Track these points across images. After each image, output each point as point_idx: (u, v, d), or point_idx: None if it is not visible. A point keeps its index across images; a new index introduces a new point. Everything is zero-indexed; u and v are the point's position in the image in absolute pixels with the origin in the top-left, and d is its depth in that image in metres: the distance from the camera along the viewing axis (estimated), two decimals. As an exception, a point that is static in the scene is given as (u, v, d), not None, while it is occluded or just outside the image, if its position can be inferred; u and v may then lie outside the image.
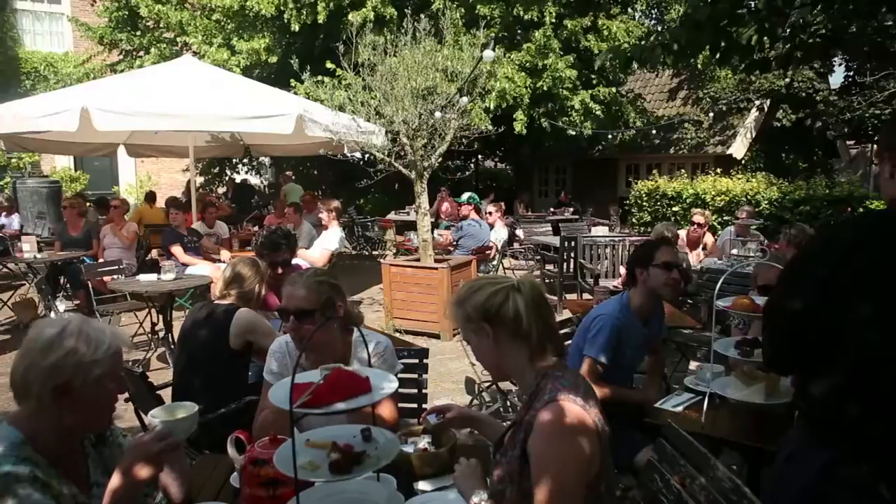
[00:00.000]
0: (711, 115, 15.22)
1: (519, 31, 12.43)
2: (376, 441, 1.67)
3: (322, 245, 6.99)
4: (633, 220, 12.39)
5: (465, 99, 6.40)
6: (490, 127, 7.66)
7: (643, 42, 4.67)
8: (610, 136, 15.45)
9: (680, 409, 2.78)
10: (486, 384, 5.08)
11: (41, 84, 15.90)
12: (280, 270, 3.87)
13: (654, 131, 15.16)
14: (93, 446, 1.79)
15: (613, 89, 13.38)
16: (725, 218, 10.52)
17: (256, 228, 9.49)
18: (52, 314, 6.61)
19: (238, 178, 15.61)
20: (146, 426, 2.94)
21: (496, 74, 11.17)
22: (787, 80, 14.38)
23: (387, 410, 2.32)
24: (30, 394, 1.58)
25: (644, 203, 12.20)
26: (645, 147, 15.90)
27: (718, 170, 12.81)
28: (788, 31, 4.31)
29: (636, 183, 12.99)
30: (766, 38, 3.74)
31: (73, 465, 1.71)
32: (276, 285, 3.80)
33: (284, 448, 1.57)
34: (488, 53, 5.45)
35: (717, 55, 4.06)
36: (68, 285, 7.88)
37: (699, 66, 12.14)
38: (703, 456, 1.93)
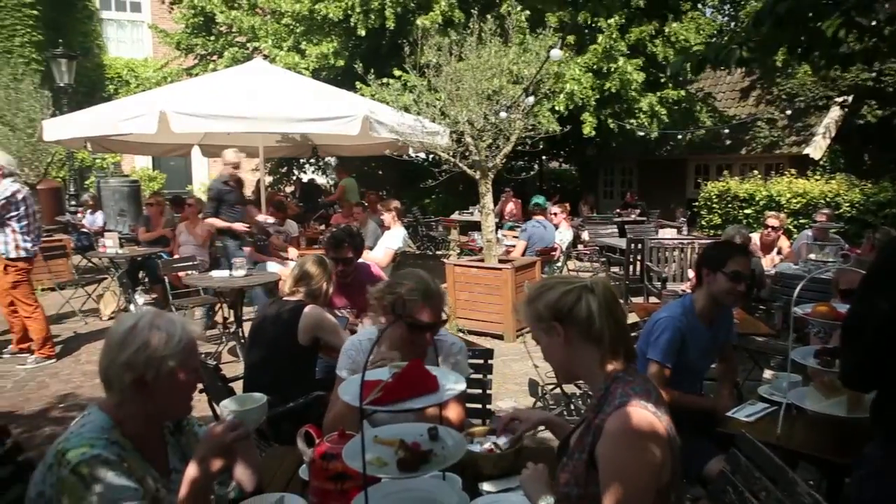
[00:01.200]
0: (788, 112, 14.58)
1: (586, 34, 12.29)
2: (443, 440, 1.67)
3: (385, 245, 7.07)
4: (703, 223, 12.02)
5: (530, 98, 6.36)
6: (556, 128, 7.59)
7: (715, 40, 4.51)
8: (679, 137, 15.05)
9: (753, 419, 2.67)
10: (550, 386, 5.03)
11: (123, 88, 16.71)
12: (342, 267, 3.93)
13: (725, 131, 14.66)
14: (171, 434, 1.87)
15: (682, 91, 13.05)
16: (801, 221, 10.07)
17: (323, 227, 9.69)
18: (132, 307, 6.93)
19: (305, 178, 15.99)
20: (218, 417, 3.05)
21: (564, 76, 11.08)
22: (874, 73, 13.60)
23: (454, 411, 2.34)
24: (112, 386, 1.68)
25: (714, 205, 11.81)
26: (715, 147, 15.41)
27: (793, 171, 12.28)
28: (875, 22, 4.06)
29: (706, 184, 12.60)
30: (851, 31, 3.54)
31: (155, 451, 1.79)
32: (339, 282, 3.92)
33: (353, 444, 1.59)
34: (555, 53, 5.39)
35: (798, 52, 3.88)
36: (146, 280, 8.25)
37: (777, 64, 11.66)
38: (780, 469, 1.85)
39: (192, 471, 1.64)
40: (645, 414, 1.53)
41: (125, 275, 7.86)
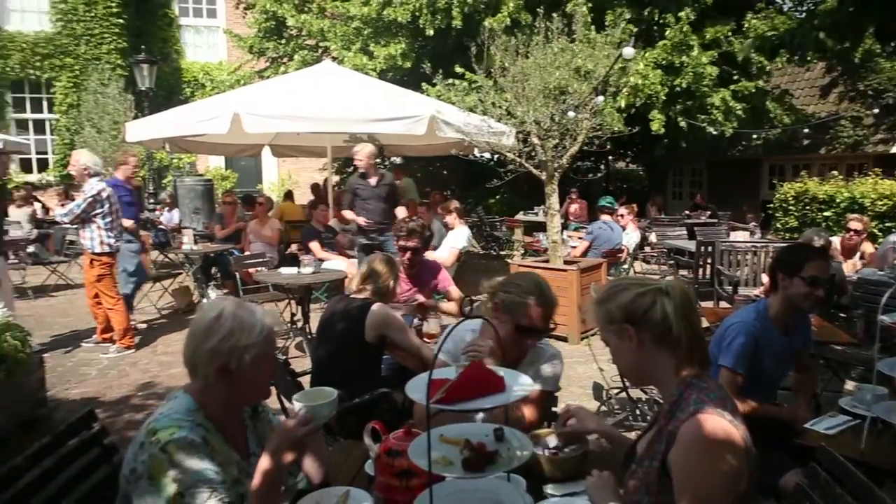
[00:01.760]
0: (876, 110, 13.79)
1: (655, 29, 11.97)
2: (509, 442, 1.66)
3: (450, 244, 7.10)
4: (777, 226, 11.53)
5: (600, 98, 6.26)
6: (622, 127, 7.43)
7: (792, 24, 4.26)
8: (753, 136, 14.50)
9: (834, 432, 2.55)
10: (615, 391, 4.93)
11: (199, 91, 17.38)
12: (410, 256, 4.11)
13: (804, 130, 14.02)
14: (250, 418, 1.95)
15: (760, 82, 12.51)
16: (888, 224, 9.53)
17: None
18: (205, 301, 7.18)
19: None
20: (286, 410, 3.13)
21: (628, 71, 10.83)
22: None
23: (526, 413, 2.34)
24: (197, 373, 1.77)
25: (790, 207, 11.30)
26: (792, 147, 14.76)
27: (878, 171, 11.63)
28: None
29: (781, 185, 12.08)
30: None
31: (236, 434, 1.86)
32: (406, 272, 4.14)
33: (419, 441, 1.61)
34: (628, 51, 5.28)
35: (884, 35, 3.62)
36: (219, 275, 8.55)
37: (857, 57, 10.99)
38: (865, 486, 1.75)
39: (264, 462, 1.68)
40: (721, 422, 1.48)
41: (199, 270, 8.17)
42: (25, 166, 16.17)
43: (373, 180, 7.09)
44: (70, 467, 2.11)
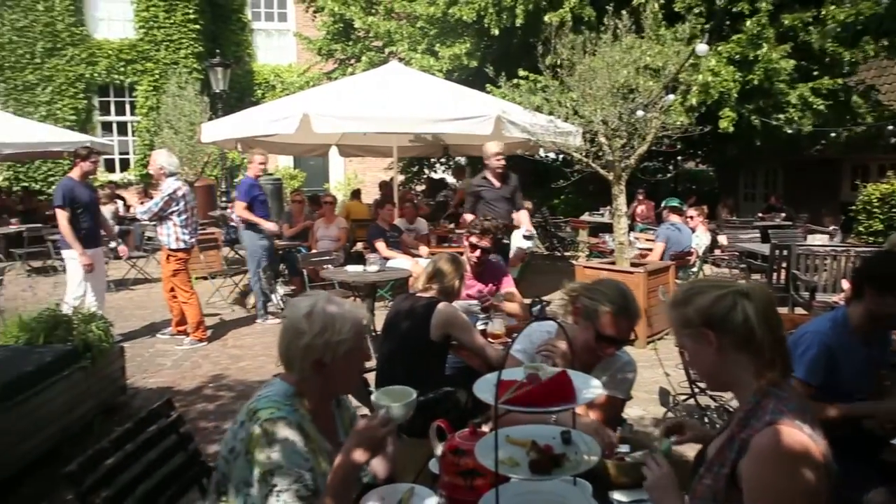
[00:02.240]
0: None
1: (727, 22, 11.55)
2: (576, 445, 1.64)
3: (514, 244, 7.06)
4: (860, 229, 10.97)
5: (670, 96, 6.10)
6: (690, 124, 7.21)
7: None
8: (833, 134, 13.81)
9: (924, 448, 2.40)
10: (683, 397, 4.80)
11: (269, 93, 17.89)
12: (479, 254, 4.13)
13: (889, 127, 13.25)
14: (335, 408, 2.02)
15: (840, 80, 11.91)
16: None
17: (453, 225, 9.84)
18: (274, 297, 7.38)
19: (436, 177, 16.31)
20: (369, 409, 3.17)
21: (699, 68, 10.49)
22: None
23: (594, 417, 2.31)
24: (293, 367, 1.85)
25: (875, 209, 10.74)
26: (878, 146, 13.98)
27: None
28: None
29: (864, 186, 11.48)
30: None
31: (327, 424, 1.94)
32: (472, 270, 4.16)
33: (486, 441, 1.60)
34: (701, 48, 5.12)
35: None
36: (286, 272, 8.76)
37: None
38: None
39: (343, 458, 1.72)
40: (798, 434, 1.41)
41: (268, 267, 8.39)
42: (109, 166, 17.03)
43: (497, 181, 6.76)
44: (149, 453, 2.21)
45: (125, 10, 16.71)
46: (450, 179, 17.25)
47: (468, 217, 6.45)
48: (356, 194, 12.66)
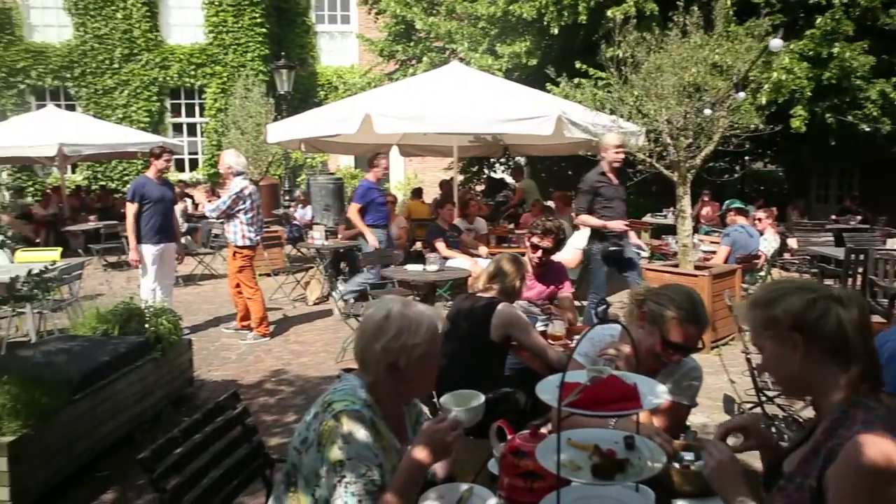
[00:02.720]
0: None
1: (801, 16, 11.09)
2: (640, 451, 1.60)
3: (574, 245, 6.98)
4: (945, 233, 10.35)
5: (741, 94, 5.90)
6: (761, 125, 6.94)
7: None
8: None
9: None
10: (749, 405, 4.63)
11: (332, 94, 18.22)
12: (541, 255, 4.10)
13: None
14: (404, 405, 2.04)
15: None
16: None
17: (512, 225, 9.80)
18: (335, 294, 7.52)
19: (496, 177, 16.27)
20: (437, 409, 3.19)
21: (771, 65, 10.10)
22: None
23: (657, 423, 2.26)
24: (368, 369, 1.87)
25: (960, 213, 10.13)
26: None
27: None
28: None
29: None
30: None
31: (397, 421, 1.96)
32: (533, 271, 4.13)
33: (547, 443, 1.59)
34: (776, 42, 4.93)
35: None
36: (347, 269, 8.90)
37: None
38: None
39: (410, 458, 1.73)
40: (891, 445, 1.34)
41: (329, 265, 8.55)
42: (179, 166, 17.68)
43: (615, 177, 6.13)
44: (216, 443, 2.28)
45: (196, 15, 17.34)
46: (509, 179, 17.19)
47: (586, 218, 6.07)
48: (417, 193, 12.76)
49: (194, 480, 2.11)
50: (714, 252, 7.82)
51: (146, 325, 4.78)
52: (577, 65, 9.41)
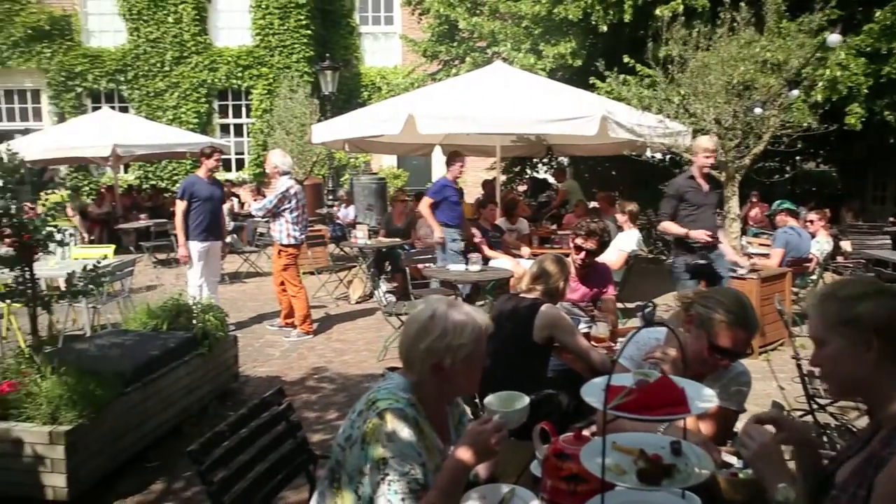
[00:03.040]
0: None
1: (860, 9, 10.70)
2: (687, 457, 1.57)
3: (618, 246, 6.88)
4: None
5: (794, 92, 5.75)
6: (815, 123, 6.72)
7: None
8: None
9: None
10: (800, 413, 4.50)
11: (375, 94, 18.37)
12: (584, 257, 4.04)
13: None
14: (447, 405, 2.04)
15: None
16: None
17: (555, 226, 9.72)
18: (377, 292, 7.58)
19: (539, 177, 16.17)
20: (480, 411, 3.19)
21: (826, 61, 9.78)
22: None
23: (704, 429, 2.21)
24: (413, 368, 1.88)
25: None
26: None
27: None
28: None
29: None
30: None
31: (440, 421, 1.96)
32: (577, 272, 4.08)
33: (592, 447, 1.57)
34: (834, 38, 4.79)
35: None
36: (389, 268, 8.97)
37: None
38: None
39: (454, 460, 1.73)
40: None
41: (372, 264, 8.62)
42: (226, 165, 18.06)
43: (705, 182, 5.59)
44: (262, 438, 2.32)
45: (244, 18, 17.71)
46: (552, 180, 17.05)
47: (668, 225, 5.63)
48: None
49: (240, 474, 2.16)
50: (763, 255, 7.61)
51: (194, 321, 4.89)
52: (626, 59, 9.23)
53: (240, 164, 18.52)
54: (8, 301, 3.92)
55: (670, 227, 5.61)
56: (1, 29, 17.29)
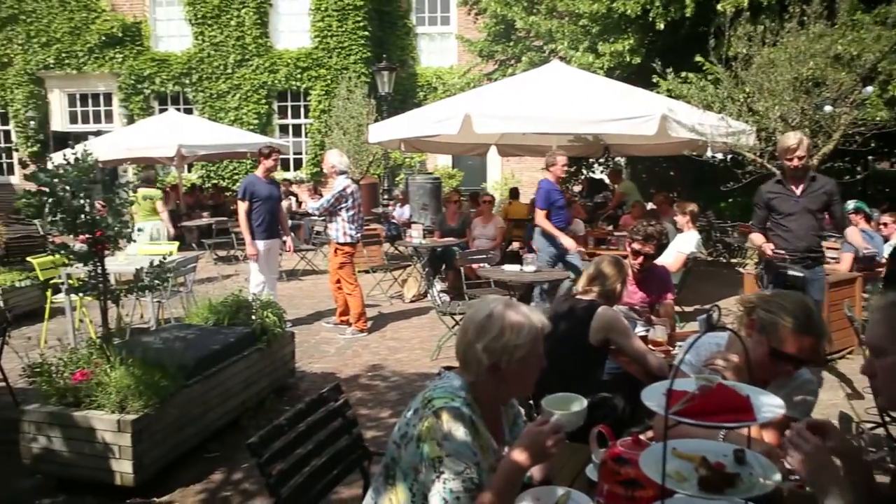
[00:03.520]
0: None
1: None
2: (751, 466, 1.52)
3: (677, 248, 6.72)
4: None
5: (868, 88, 5.49)
6: (892, 120, 6.39)
7: None
8: None
9: None
10: (870, 425, 4.30)
11: (431, 95, 18.46)
12: (642, 261, 3.98)
13: None
14: (503, 405, 2.03)
15: None
16: None
17: (611, 227, 9.57)
18: (432, 291, 7.61)
19: (595, 177, 15.94)
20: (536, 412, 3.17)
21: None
22: None
23: (767, 438, 2.13)
24: (469, 368, 1.87)
25: None
26: None
27: None
28: None
29: None
30: None
31: (495, 422, 1.95)
32: (634, 276, 4.01)
33: (652, 452, 1.53)
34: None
35: None
36: (444, 268, 9.00)
37: None
38: None
39: (509, 461, 1.73)
40: None
41: (427, 263, 8.67)
42: (284, 165, 18.49)
43: (797, 186, 4.81)
44: (319, 433, 2.36)
45: (303, 21, 18.09)
46: (608, 180, 16.78)
47: (752, 236, 5.11)
48: (514, 193, 12.72)
49: (297, 468, 2.20)
50: (834, 259, 7.29)
51: (253, 317, 5.01)
52: (697, 58, 8.99)
53: (297, 164, 18.91)
54: (81, 294, 4.09)
55: (755, 238, 5.04)
56: (79, 37, 18.17)
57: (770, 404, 1.51)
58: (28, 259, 7.10)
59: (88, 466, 3.53)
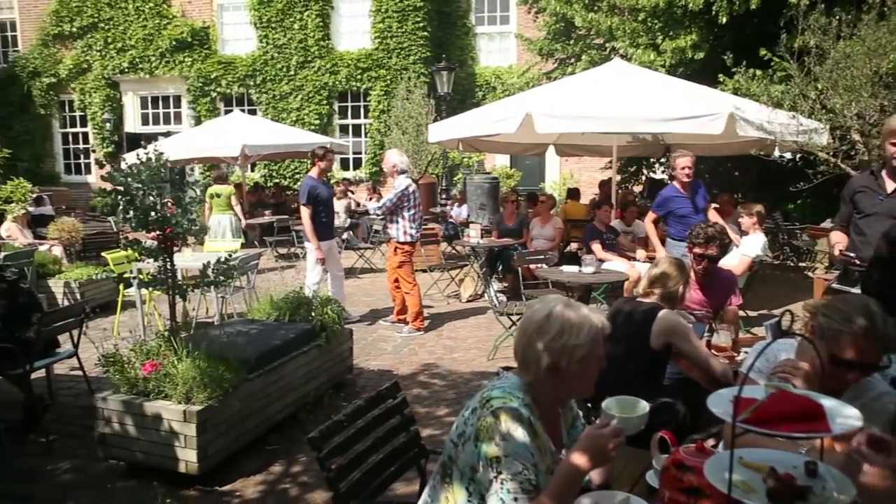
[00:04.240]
0: None
1: None
2: (823, 479, 1.45)
3: (742, 251, 6.50)
4: None
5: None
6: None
7: None
8: None
9: None
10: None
11: (490, 94, 18.43)
12: (705, 264, 3.87)
13: None
14: (560, 407, 2.01)
15: None
16: None
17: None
18: (490, 291, 7.61)
19: (655, 178, 15.61)
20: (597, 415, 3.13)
21: None
22: None
23: (839, 449, 2.03)
24: (529, 368, 1.87)
25: None
26: None
27: None
28: None
29: None
30: None
31: (553, 424, 1.94)
32: (697, 280, 3.89)
33: (718, 460, 1.48)
34: None
35: None
36: (501, 268, 8.97)
37: None
38: None
39: (568, 464, 1.71)
40: None
41: (484, 263, 8.65)
42: (344, 164, 18.81)
43: (890, 183, 4.01)
44: (377, 430, 2.39)
45: (364, 23, 18.34)
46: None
47: (831, 235, 4.39)
48: (573, 194, 12.56)
49: (356, 463, 2.23)
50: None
51: (312, 314, 5.11)
52: (762, 53, 8.66)
53: (357, 164, 19.20)
54: (151, 288, 4.26)
55: (830, 236, 4.38)
56: (152, 42, 18.95)
57: (846, 415, 1.44)
58: (103, 254, 7.44)
59: (156, 454, 3.67)
